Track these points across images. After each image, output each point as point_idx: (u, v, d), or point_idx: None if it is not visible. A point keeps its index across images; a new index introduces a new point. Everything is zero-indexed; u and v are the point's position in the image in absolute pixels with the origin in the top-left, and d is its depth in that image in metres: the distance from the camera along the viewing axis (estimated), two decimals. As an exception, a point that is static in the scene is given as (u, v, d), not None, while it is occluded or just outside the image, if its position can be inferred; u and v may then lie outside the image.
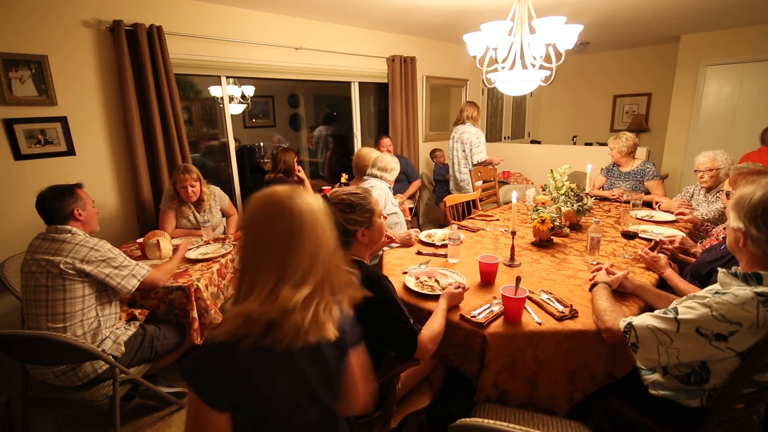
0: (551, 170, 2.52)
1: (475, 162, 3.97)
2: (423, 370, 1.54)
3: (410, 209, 3.84)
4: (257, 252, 0.78)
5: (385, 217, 1.47)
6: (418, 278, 1.76)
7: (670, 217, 2.60)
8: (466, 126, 4.00)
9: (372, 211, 1.34)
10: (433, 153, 4.92)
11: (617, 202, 3.15)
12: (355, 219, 1.30)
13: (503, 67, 2.31)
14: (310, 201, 0.83)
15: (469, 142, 3.95)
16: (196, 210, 2.74)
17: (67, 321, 1.61)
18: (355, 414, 1.05)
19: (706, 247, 2.01)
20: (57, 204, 1.67)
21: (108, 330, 1.72)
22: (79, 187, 1.78)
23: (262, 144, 5.98)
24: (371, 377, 1.00)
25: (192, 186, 2.64)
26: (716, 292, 1.12)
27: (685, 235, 2.19)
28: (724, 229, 2.22)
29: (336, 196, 1.31)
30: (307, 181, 3.43)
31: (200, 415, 0.77)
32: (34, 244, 1.67)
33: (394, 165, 2.68)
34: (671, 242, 2.04)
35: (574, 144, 6.37)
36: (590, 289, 1.59)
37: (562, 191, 2.46)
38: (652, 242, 2.00)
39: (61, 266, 1.60)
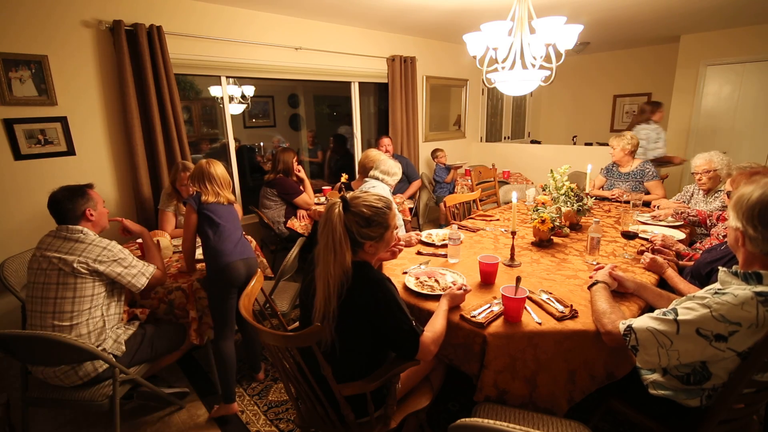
0: (551, 170, 2.52)
1: (652, 157, 4.03)
2: (423, 369, 1.54)
3: (410, 209, 3.84)
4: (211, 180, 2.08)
5: (396, 227, 1.44)
6: (418, 278, 1.76)
7: (678, 224, 2.57)
8: (644, 124, 4.08)
9: (387, 227, 1.31)
10: (434, 153, 4.90)
11: (617, 202, 3.16)
12: (368, 233, 1.27)
13: (503, 67, 2.31)
14: (219, 167, 2.12)
15: (647, 138, 4.03)
16: None
17: (73, 320, 1.62)
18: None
19: (706, 247, 2.01)
20: (70, 205, 1.69)
21: (110, 329, 1.72)
22: (90, 188, 1.80)
23: (262, 144, 5.98)
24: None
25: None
26: (716, 292, 1.11)
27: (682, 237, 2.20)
28: (725, 228, 2.23)
29: (356, 206, 1.26)
30: (307, 181, 3.43)
31: (189, 211, 2.03)
32: (45, 241, 1.68)
33: (396, 170, 2.68)
34: (663, 246, 2.05)
35: (574, 144, 6.37)
36: (589, 288, 1.59)
37: (562, 191, 2.46)
38: (648, 247, 2.00)
39: (75, 265, 1.61)
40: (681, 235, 2.30)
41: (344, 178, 3.54)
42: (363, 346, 1.30)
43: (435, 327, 1.36)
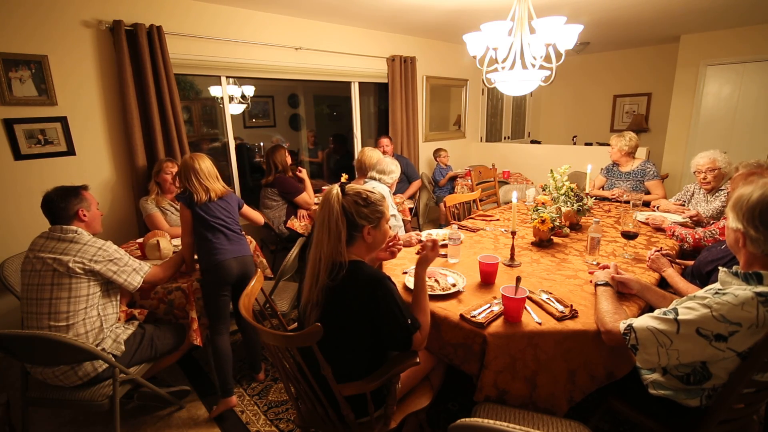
0: (551, 170, 2.52)
1: None
2: (423, 369, 1.54)
3: (410, 209, 3.84)
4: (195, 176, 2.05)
5: (389, 219, 1.46)
6: (418, 278, 1.75)
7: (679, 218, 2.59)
8: None
9: (383, 214, 1.35)
10: (437, 152, 4.90)
11: (617, 202, 3.16)
12: (366, 214, 1.30)
13: (503, 67, 2.31)
14: (204, 161, 2.08)
15: None
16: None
17: (70, 320, 1.62)
18: (260, 224, 2.46)
19: (706, 246, 2.01)
20: (62, 204, 1.68)
21: (108, 329, 1.72)
22: (85, 189, 1.80)
23: (262, 144, 5.98)
24: (259, 215, 2.39)
25: (173, 173, 2.74)
26: (716, 292, 1.11)
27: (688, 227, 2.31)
28: (719, 220, 2.26)
29: (353, 189, 1.32)
30: (307, 181, 3.42)
31: (182, 209, 2.03)
32: (37, 243, 1.68)
33: (393, 168, 2.68)
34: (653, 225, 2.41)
35: (574, 144, 6.37)
36: (596, 286, 1.58)
37: (562, 191, 2.46)
38: (654, 249, 2.01)
39: (70, 265, 1.61)
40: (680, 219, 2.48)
41: (344, 178, 3.52)
42: (362, 345, 1.30)
43: (422, 311, 1.38)
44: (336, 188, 1.29)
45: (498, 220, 2.83)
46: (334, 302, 1.27)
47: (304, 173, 3.42)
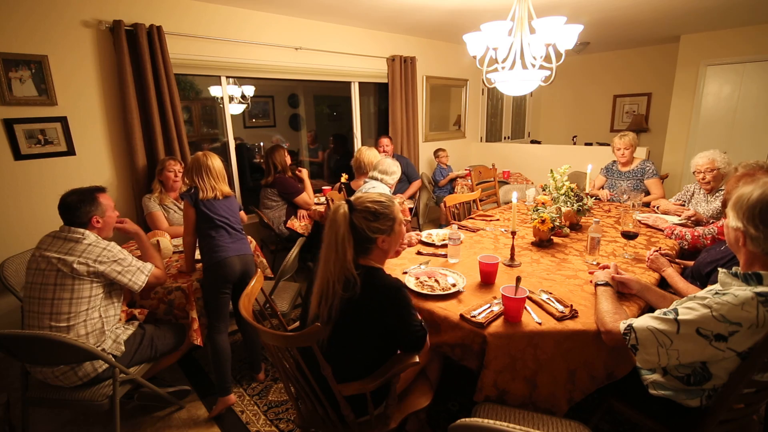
0: (551, 170, 2.52)
1: None
2: (419, 363, 1.54)
3: (410, 209, 3.84)
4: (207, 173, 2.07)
5: (404, 223, 1.47)
6: (418, 278, 1.76)
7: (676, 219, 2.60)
8: None
9: (394, 220, 1.35)
10: (437, 152, 4.91)
11: (615, 201, 3.16)
12: (377, 227, 1.30)
13: (503, 67, 2.31)
14: (216, 160, 2.12)
15: None
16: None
17: (71, 321, 1.62)
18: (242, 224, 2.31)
19: (707, 246, 2.01)
20: (77, 213, 1.70)
21: (109, 330, 1.72)
22: (101, 192, 1.79)
23: (262, 144, 5.98)
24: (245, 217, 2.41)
25: (178, 171, 2.75)
26: (716, 293, 1.11)
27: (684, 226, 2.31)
28: (719, 220, 2.26)
29: (361, 204, 1.31)
30: (307, 181, 3.42)
31: (186, 207, 2.03)
32: (45, 241, 1.69)
33: (395, 168, 2.68)
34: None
35: (574, 144, 6.37)
36: (596, 286, 1.58)
37: (562, 191, 2.46)
38: (653, 249, 2.01)
39: (74, 266, 1.61)
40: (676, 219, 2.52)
41: (344, 178, 3.53)
42: (368, 347, 1.30)
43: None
44: (343, 207, 1.28)
45: (498, 220, 2.83)
46: (348, 310, 1.27)
47: (304, 173, 3.42)
